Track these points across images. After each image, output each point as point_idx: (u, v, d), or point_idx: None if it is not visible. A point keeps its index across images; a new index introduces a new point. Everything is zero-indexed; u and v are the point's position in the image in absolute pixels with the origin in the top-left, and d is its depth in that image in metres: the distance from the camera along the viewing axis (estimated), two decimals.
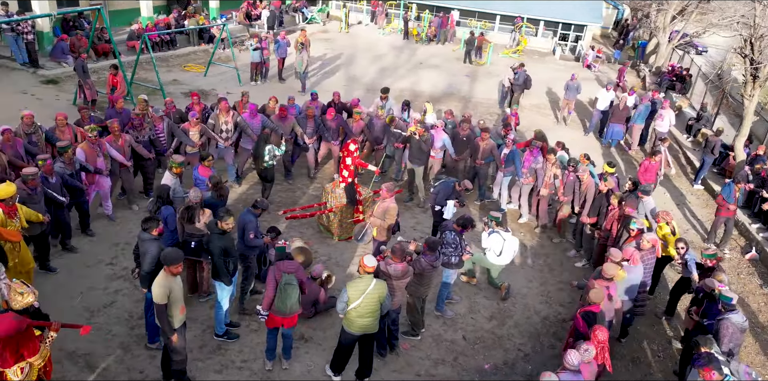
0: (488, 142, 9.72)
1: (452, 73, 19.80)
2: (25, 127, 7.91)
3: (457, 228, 6.95)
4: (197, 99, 9.92)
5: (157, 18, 18.19)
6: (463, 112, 11.80)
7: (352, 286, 5.53)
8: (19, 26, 13.10)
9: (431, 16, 24.60)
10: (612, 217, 7.90)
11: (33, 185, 6.56)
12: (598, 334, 5.46)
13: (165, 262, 5.08)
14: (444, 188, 8.12)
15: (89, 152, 7.70)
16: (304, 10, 24.49)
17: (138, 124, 8.47)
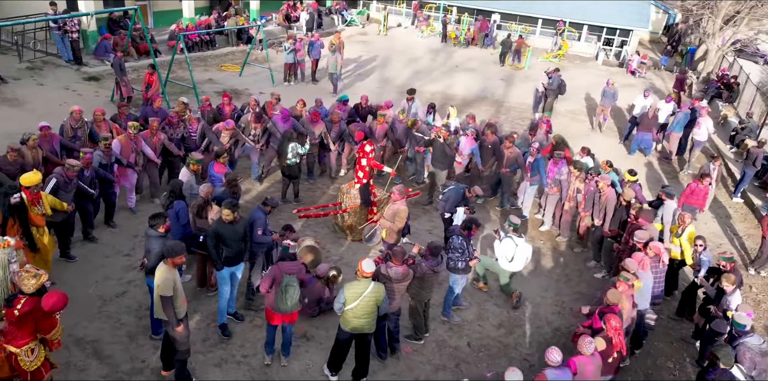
0: (513, 150, 9.54)
1: (488, 76, 19.60)
2: (73, 122, 8.40)
3: (463, 232, 6.87)
4: (228, 100, 10.18)
5: (198, 19, 18.73)
6: (489, 118, 11.65)
7: (349, 289, 5.55)
8: (66, 25, 13.76)
9: (470, 20, 24.42)
10: (630, 228, 7.68)
11: (71, 176, 6.98)
12: (611, 321, 5.53)
13: (168, 254, 5.21)
14: (454, 195, 8.04)
15: (125, 146, 8.12)
16: (343, 13, 24.74)
17: (176, 123, 8.90)
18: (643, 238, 7.05)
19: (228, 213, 6.09)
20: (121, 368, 5.92)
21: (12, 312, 4.73)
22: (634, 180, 8.40)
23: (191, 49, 17.47)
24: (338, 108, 10.73)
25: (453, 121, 11.22)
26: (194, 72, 16.06)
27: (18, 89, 12.80)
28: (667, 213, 8.06)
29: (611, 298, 5.91)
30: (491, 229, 9.61)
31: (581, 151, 9.76)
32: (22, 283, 4.83)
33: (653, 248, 6.83)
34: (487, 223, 9.88)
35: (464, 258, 6.85)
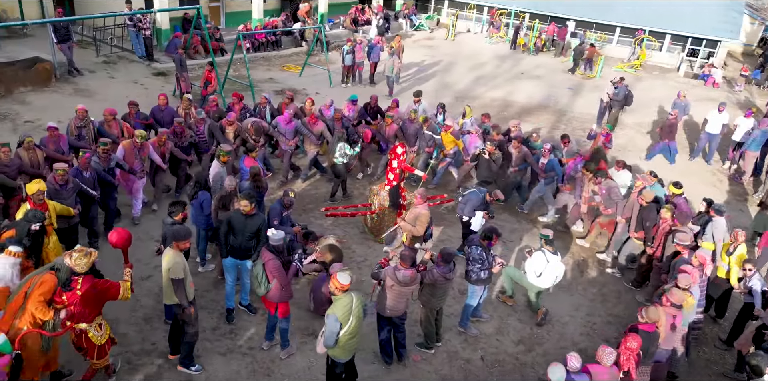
0: (521, 149, 9.54)
1: (553, 84, 18.98)
2: (77, 121, 8.32)
3: (483, 242, 6.60)
4: (237, 99, 10.19)
5: (267, 20, 19.42)
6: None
7: (338, 310, 5.11)
8: (140, 23, 14.69)
9: (541, 26, 23.75)
10: (662, 230, 7.41)
11: (60, 181, 6.61)
12: (629, 340, 5.34)
13: (175, 238, 5.39)
14: (473, 198, 7.82)
15: (129, 151, 7.91)
16: (412, 17, 24.82)
17: (180, 132, 8.74)
18: (685, 239, 6.76)
19: (246, 203, 6.23)
20: (131, 348, 6.18)
21: (74, 293, 4.93)
22: (679, 193, 7.96)
23: (257, 49, 18.15)
24: (347, 108, 10.75)
25: (468, 120, 11.10)
26: (257, 71, 16.74)
27: (91, 81, 13.78)
28: (719, 230, 7.53)
29: (651, 315, 5.60)
30: (512, 235, 9.34)
31: (617, 164, 9.40)
32: (75, 263, 4.89)
33: (699, 257, 6.49)
34: (510, 232, 9.54)
35: (485, 268, 6.61)
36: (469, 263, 6.63)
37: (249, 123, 9.17)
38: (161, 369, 6.00)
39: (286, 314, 6.07)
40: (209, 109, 9.94)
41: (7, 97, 12.24)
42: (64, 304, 4.97)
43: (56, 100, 12.43)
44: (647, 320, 5.59)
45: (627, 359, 5.36)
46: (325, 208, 9.02)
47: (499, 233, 6.82)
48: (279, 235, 5.73)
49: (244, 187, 7.35)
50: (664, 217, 7.49)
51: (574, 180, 9.14)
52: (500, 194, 7.96)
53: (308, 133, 9.67)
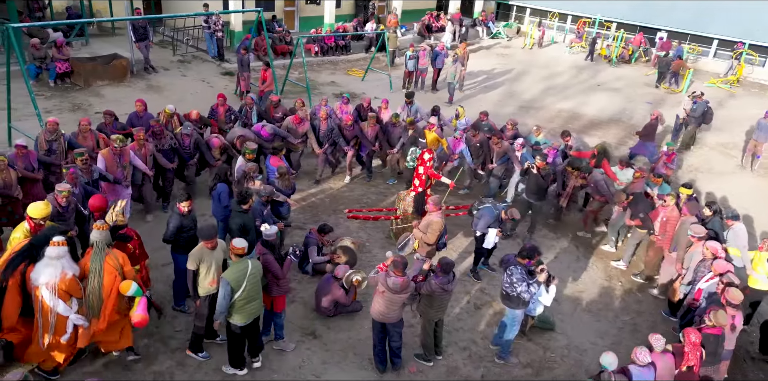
0: (501, 145, 9.70)
1: (631, 98, 17.98)
2: (47, 134, 7.86)
3: (521, 261, 6.25)
4: (222, 100, 10.10)
5: (338, 25, 19.92)
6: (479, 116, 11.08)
7: (230, 275, 5.37)
8: (214, 24, 15.59)
9: (626, 36, 22.56)
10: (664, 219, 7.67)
11: (64, 202, 6.39)
12: (691, 336, 5.46)
13: (199, 236, 5.70)
14: (487, 214, 7.48)
15: (110, 161, 7.58)
16: (489, 25, 24.49)
17: (158, 132, 8.37)
18: (699, 232, 6.93)
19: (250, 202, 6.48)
20: (138, 330, 6.48)
21: (135, 240, 6.22)
22: (689, 194, 8.07)
23: (326, 53, 18.65)
24: (340, 107, 10.65)
25: (462, 121, 10.95)
26: (321, 75, 17.21)
27: (163, 78, 14.78)
28: (740, 237, 7.40)
29: (720, 319, 5.66)
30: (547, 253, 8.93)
31: (620, 163, 9.51)
32: (118, 219, 6.00)
33: (710, 248, 6.65)
34: (546, 249, 9.09)
35: (531, 290, 6.12)
36: (508, 286, 6.19)
37: (235, 137, 9.10)
38: (158, 351, 6.27)
39: (280, 309, 6.15)
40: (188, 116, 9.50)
41: (85, 89, 13.41)
42: (130, 251, 5.96)
43: (128, 94, 13.43)
44: (715, 324, 5.65)
45: (693, 354, 5.43)
46: (348, 209, 9.07)
47: (541, 253, 6.45)
48: (272, 230, 5.85)
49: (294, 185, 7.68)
50: (668, 202, 7.67)
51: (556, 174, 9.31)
52: (516, 213, 7.56)
53: (286, 135, 9.64)
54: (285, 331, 6.67)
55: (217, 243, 5.73)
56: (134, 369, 6.01)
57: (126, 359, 6.08)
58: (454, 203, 10.19)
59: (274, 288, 5.92)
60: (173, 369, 6.05)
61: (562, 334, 7.27)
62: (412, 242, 7.55)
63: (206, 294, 5.78)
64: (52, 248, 5.33)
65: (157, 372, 6.00)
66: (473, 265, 8.08)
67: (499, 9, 27.55)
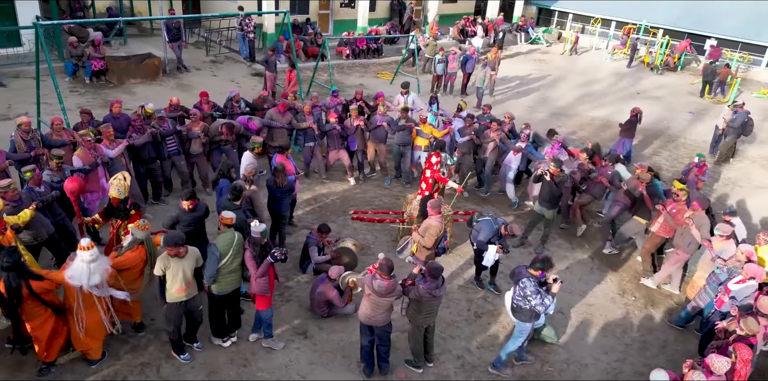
0: (498, 134, 9.76)
1: (672, 107, 17.33)
2: (23, 134, 7.92)
3: (534, 273, 5.99)
4: (206, 98, 10.15)
5: (370, 28, 20.03)
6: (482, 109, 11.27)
7: (220, 241, 5.85)
8: (247, 26, 15.93)
9: (669, 42, 21.73)
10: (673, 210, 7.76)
11: (11, 197, 6.36)
12: (742, 351, 5.32)
13: (163, 242, 5.74)
14: (487, 228, 7.21)
15: (85, 158, 7.63)
16: (529, 30, 24.12)
17: (140, 127, 8.49)
18: (727, 231, 6.94)
19: None
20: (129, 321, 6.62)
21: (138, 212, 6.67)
22: (681, 188, 8.06)
23: (357, 56, 18.76)
24: (330, 101, 10.65)
25: (463, 114, 10.86)
26: (350, 77, 17.32)
27: (194, 77, 15.19)
28: (740, 231, 7.72)
29: (752, 326, 5.48)
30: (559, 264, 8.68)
31: (610, 158, 9.48)
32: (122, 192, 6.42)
33: (745, 252, 6.61)
34: (559, 259, 8.80)
35: (546, 303, 5.88)
36: (521, 300, 5.99)
37: (220, 124, 9.17)
38: (149, 343, 6.38)
39: (263, 307, 6.16)
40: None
41: (118, 87, 13.91)
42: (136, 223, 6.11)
43: (159, 92, 13.85)
44: (747, 332, 5.47)
45: (745, 372, 5.30)
46: (354, 211, 9.04)
47: (553, 264, 6.20)
48: (259, 228, 5.87)
49: (271, 182, 7.66)
50: (679, 196, 7.75)
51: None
52: (517, 230, 7.30)
53: (268, 122, 9.75)
54: (278, 330, 6.71)
55: (185, 251, 5.67)
56: (123, 358, 6.13)
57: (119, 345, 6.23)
58: (469, 208, 10.05)
59: (254, 284, 5.94)
60: (161, 362, 6.14)
61: (564, 347, 7.02)
62: (410, 246, 7.44)
63: (173, 301, 5.77)
64: (85, 254, 5.39)
65: (145, 363, 6.11)
66: (476, 274, 7.90)
67: (540, 14, 27.13)
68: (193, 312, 5.99)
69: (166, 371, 6.04)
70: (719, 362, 5.02)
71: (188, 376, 6.01)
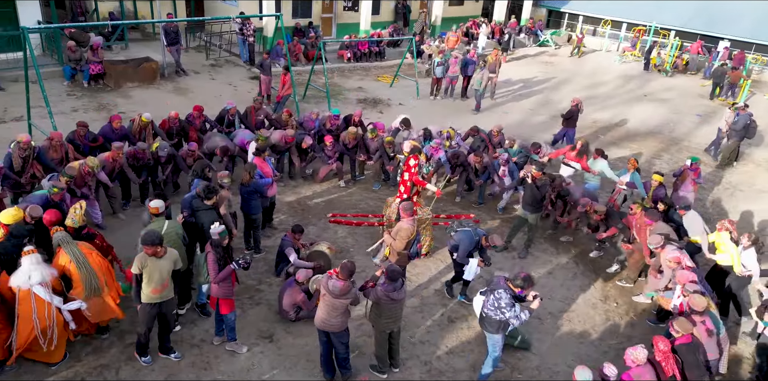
0: (482, 162, 9.74)
1: (678, 110, 16.98)
2: (21, 152, 7.98)
3: (514, 288, 5.80)
4: (198, 113, 10.15)
5: (373, 31, 20.02)
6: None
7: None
8: (247, 30, 16.04)
9: (680, 44, 21.32)
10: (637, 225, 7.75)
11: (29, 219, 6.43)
12: (659, 344, 5.42)
13: (140, 241, 5.74)
14: (466, 240, 7.00)
15: (78, 181, 7.80)
16: (537, 32, 23.89)
17: (141, 156, 8.61)
18: (656, 242, 7.01)
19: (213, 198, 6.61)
20: None
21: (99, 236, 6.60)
22: (660, 181, 8.57)
23: (359, 59, 18.76)
24: (330, 121, 10.58)
25: (453, 142, 10.78)
26: (350, 80, 17.33)
27: (192, 81, 15.32)
28: (696, 222, 7.91)
29: (683, 325, 5.56)
30: (540, 269, 8.48)
31: (595, 152, 9.77)
32: (80, 220, 6.28)
33: (672, 258, 6.73)
34: (542, 264, 8.63)
35: (519, 315, 5.75)
36: (493, 310, 5.83)
37: (216, 147, 9.24)
38: (111, 345, 6.39)
39: (226, 311, 6.12)
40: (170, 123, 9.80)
41: (115, 91, 14.08)
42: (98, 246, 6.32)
43: (155, 96, 14.01)
44: (682, 332, 5.54)
45: (668, 363, 5.35)
46: (332, 214, 8.98)
47: (534, 282, 6.04)
48: (218, 229, 5.84)
49: (259, 184, 7.75)
50: (634, 210, 7.82)
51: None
52: (498, 240, 7.12)
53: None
54: (244, 333, 6.67)
55: (163, 252, 5.65)
56: (83, 360, 6.15)
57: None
58: (456, 212, 9.93)
59: (215, 288, 5.91)
60: (121, 364, 6.14)
61: (537, 355, 6.86)
62: (384, 249, 7.34)
63: (147, 301, 5.74)
64: (27, 258, 5.51)
65: (105, 365, 6.11)
66: (450, 280, 7.69)
67: (550, 16, 26.88)
68: (166, 315, 5.97)
69: (125, 373, 6.03)
70: (634, 353, 5.26)
71: (147, 378, 6.00)
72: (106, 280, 6.00)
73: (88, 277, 5.83)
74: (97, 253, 6.07)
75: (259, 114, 10.68)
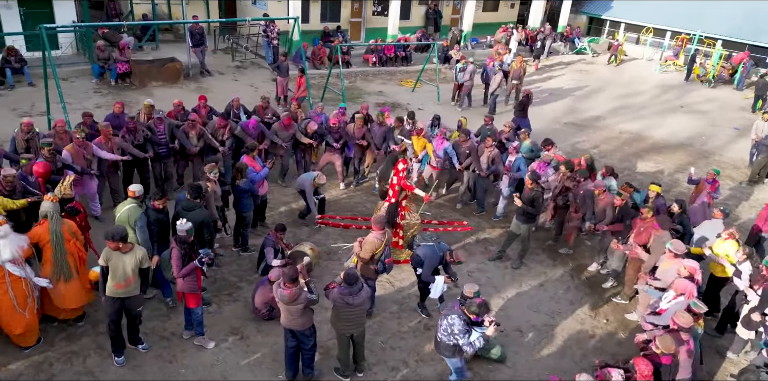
0: (491, 151, 9.46)
1: (716, 123, 16.30)
2: (23, 135, 8.39)
3: (469, 315, 5.64)
4: (204, 102, 10.32)
5: (400, 36, 20.09)
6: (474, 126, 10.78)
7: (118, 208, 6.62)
8: (272, 32, 16.42)
9: (723, 53, 20.44)
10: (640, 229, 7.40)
11: (7, 186, 6.95)
12: (641, 367, 5.22)
13: (104, 235, 5.86)
14: (430, 256, 6.76)
15: (75, 154, 8.02)
16: (574, 40, 23.42)
17: (132, 128, 8.75)
18: (680, 249, 6.66)
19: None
20: None
21: (82, 214, 6.83)
22: (658, 192, 8.22)
23: (384, 64, 18.86)
24: (332, 120, 10.42)
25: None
26: (372, 84, 17.45)
27: (215, 82, 15.77)
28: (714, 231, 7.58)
29: (667, 344, 5.28)
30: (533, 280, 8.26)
31: (604, 170, 9.16)
32: (66, 193, 6.68)
33: (688, 267, 6.37)
34: (534, 276, 8.40)
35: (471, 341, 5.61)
36: (446, 336, 5.70)
37: (215, 124, 9.42)
38: (85, 333, 6.61)
39: (191, 305, 6.24)
40: (175, 112, 10.02)
41: (139, 89, 14.65)
42: (78, 223, 6.52)
43: (177, 95, 14.38)
44: (664, 351, 5.29)
45: None
46: (321, 215, 9.02)
47: (490, 309, 5.88)
48: (185, 226, 5.97)
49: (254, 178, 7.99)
50: (645, 215, 7.44)
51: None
52: (462, 256, 6.94)
53: (271, 136, 9.79)
54: (215, 329, 6.79)
55: (127, 248, 5.76)
56: (56, 345, 6.39)
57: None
58: (455, 218, 9.83)
59: (180, 282, 6.05)
60: (90, 351, 6.35)
61: (511, 368, 6.69)
62: (352, 256, 7.30)
63: (110, 295, 5.84)
64: None
65: (74, 352, 6.33)
66: (420, 299, 7.46)
67: (591, 24, 26.32)
68: (131, 311, 6.09)
69: (92, 361, 6.23)
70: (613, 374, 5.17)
71: (111, 367, 6.17)
72: (77, 268, 6.22)
73: (60, 259, 6.05)
74: (75, 242, 6.29)
75: (267, 112, 10.89)
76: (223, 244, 8.42)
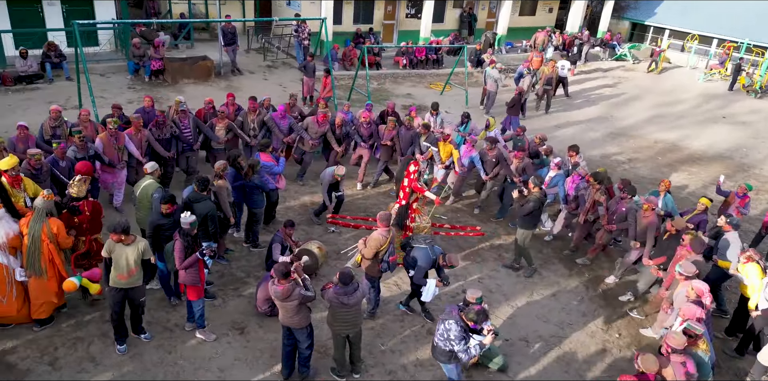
0: (522, 161, 9.47)
1: (759, 134, 15.72)
2: (51, 122, 8.66)
3: (467, 322, 5.55)
4: (232, 99, 10.41)
5: (432, 39, 20.04)
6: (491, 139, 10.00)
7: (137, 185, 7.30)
8: (302, 32, 16.63)
9: None
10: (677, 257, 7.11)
11: (35, 164, 7.27)
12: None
13: (108, 227, 6.08)
14: (423, 259, 6.66)
15: (107, 143, 8.36)
16: (615, 46, 22.91)
17: (162, 123, 8.97)
18: (689, 271, 6.44)
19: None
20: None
21: (85, 214, 6.64)
22: (707, 206, 8.13)
23: (415, 66, 18.85)
24: (364, 114, 10.50)
25: (492, 132, 10.62)
26: (401, 87, 17.48)
27: (245, 80, 16.06)
28: (735, 245, 7.28)
29: (647, 364, 5.10)
30: (544, 289, 8.08)
31: (620, 183, 8.76)
32: (77, 191, 6.58)
33: (695, 289, 6.22)
34: (546, 286, 8.21)
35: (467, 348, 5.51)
36: (443, 341, 5.62)
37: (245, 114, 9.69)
38: (92, 320, 6.81)
39: (193, 297, 6.34)
40: (202, 111, 10.13)
41: (171, 86, 15.05)
42: (76, 224, 6.56)
43: (207, 92, 14.76)
44: (644, 370, 5.13)
45: None
46: (331, 214, 9.05)
47: (488, 317, 5.74)
48: (188, 219, 6.08)
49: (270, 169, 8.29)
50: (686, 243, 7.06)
51: (576, 199, 9.04)
52: (454, 259, 6.82)
53: (300, 131, 9.97)
54: (218, 323, 6.90)
55: (130, 240, 5.90)
56: (62, 330, 6.59)
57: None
58: (471, 223, 9.73)
59: (182, 274, 6.16)
60: (93, 338, 6.52)
61: (512, 378, 6.55)
62: (356, 255, 7.29)
63: (113, 285, 6.01)
64: None
65: (79, 338, 6.52)
66: (408, 297, 7.40)
67: (634, 30, 25.71)
68: (134, 301, 6.25)
69: (95, 348, 6.40)
70: None
71: (112, 354, 6.33)
72: (46, 268, 6.25)
73: (31, 255, 6.12)
74: (49, 244, 6.21)
75: (294, 111, 11.05)
76: (233, 239, 8.55)
